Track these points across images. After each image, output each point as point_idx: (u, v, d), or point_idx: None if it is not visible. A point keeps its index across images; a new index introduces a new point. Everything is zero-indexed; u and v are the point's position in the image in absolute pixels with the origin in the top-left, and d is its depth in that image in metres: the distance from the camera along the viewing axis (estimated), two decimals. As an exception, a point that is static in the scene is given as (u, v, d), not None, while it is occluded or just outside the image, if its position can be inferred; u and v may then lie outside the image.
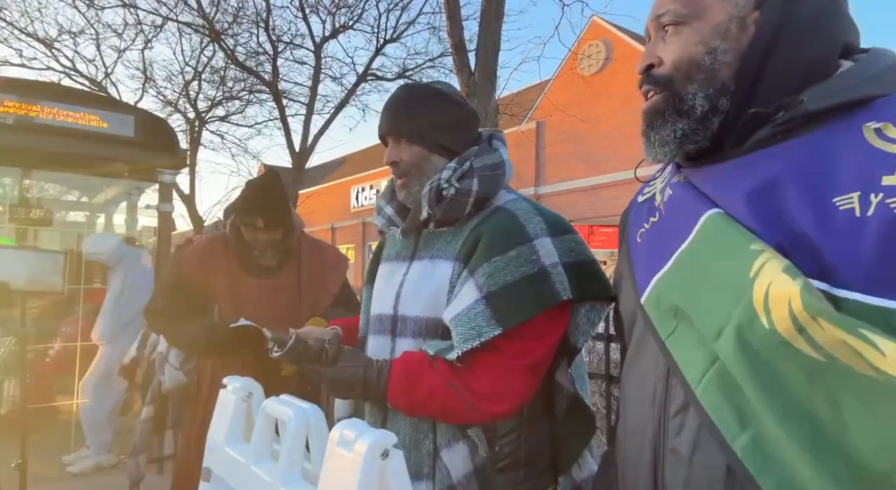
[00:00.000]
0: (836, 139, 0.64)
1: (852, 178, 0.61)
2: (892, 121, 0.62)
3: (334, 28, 10.22)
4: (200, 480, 1.01)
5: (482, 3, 5.18)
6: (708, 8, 0.76)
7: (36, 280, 2.66)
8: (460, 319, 1.05)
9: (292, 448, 0.82)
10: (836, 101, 0.66)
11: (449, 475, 1.07)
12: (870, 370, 0.55)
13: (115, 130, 4.03)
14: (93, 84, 10.54)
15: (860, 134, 0.63)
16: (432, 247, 1.19)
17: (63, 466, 3.72)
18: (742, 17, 0.74)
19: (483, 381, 1.03)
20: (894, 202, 0.57)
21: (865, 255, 0.57)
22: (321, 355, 1.11)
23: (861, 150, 0.62)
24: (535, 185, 16.38)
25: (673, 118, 0.78)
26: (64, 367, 4.32)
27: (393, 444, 0.72)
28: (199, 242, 2.05)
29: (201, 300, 1.94)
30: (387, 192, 1.33)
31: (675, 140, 0.78)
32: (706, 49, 0.75)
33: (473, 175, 1.15)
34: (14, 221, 4.50)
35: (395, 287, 1.21)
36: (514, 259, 1.05)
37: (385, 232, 1.33)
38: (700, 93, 0.76)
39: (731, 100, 0.75)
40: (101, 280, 4.40)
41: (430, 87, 1.25)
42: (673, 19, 0.78)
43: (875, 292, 0.57)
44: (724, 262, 0.67)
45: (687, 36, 0.77)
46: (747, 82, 0.74)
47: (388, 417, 1.16)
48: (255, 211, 1.86)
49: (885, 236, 0.57)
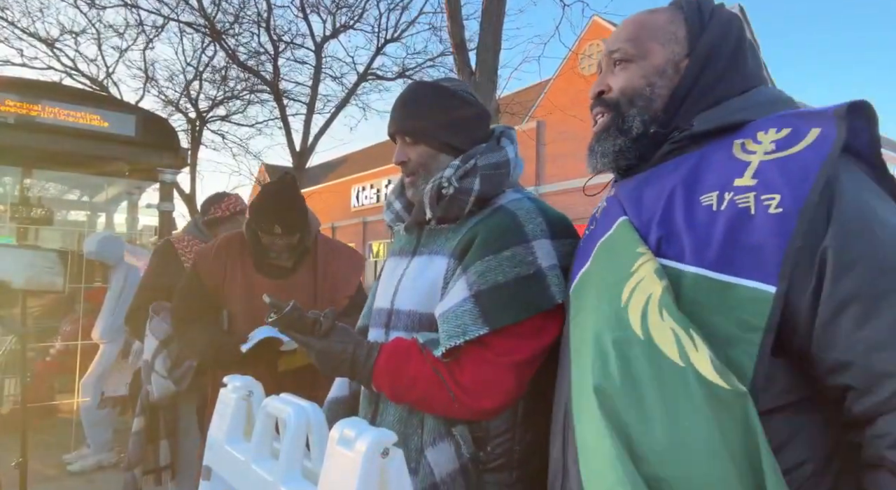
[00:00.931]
0: (714, 153, 0.81)
1: (716, 181, 0.77)
2: (753, 137, 0.78)
3: (335, 28, 10.23)
4: (201, 479, 1.01)
5: (483, 2, 5.18)
6: (651, 51, 0.94)
7: (36, 279, 2.65)
8: (447, 316, 1.05)
9: (292, 446, 0.82)
10: (717, 124, 0.85)
11: (432, 473, 1.06)
12: (676, 356, 0.70)
13: (116, 130, 4.03)
14: (94, 84, 10.56)
15: (730, 149, 0.79)
16: (432, 243, 1.20)
17: (63, 465, 3.73)
18: (676, 62, 0.93)
19: (468, 375, 1.03)
20: (741, 199, 0.72)
21: (716, 241, 0.72)
22: (314, 327, 1.12)
23: (727, 160, 0.78)
24: (535, 185, 16.38)
25: (615, 134, 0.95)
26: (64, 366, 4.32)
27: (393, 442, 0.72)
28: (213, 242, 2.03)
29: (215, 303, 1.92)
30: (397, 188, 1.33)
31: (613, 153, 0.96)
32: (647, 82, 0.94)
33: (476, 173, 1.14)
34: (15, 220, 4.51)
35: (395, 281, 1.22)
36: (508, 259, 1.05)
37: (393, 227, 1.34)
38: (638, 116, 0.94)
39: (659, 126, 0.93)
40: (101, 279, 4.40)
41: (438, 85, 1.24)
42: (622, 57, 0.96)
43: (720, 270, 0.71)
44: (616, 260, 0.85)
45: (632, 71, 0.95)
46: (672, 112, 0.92)
47: (379, 410, 1.16)
48: (272, 216, 1.83)
49: (731, 226, 0.71)
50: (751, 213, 0.70)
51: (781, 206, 0.68)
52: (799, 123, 0.75)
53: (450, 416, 1.07)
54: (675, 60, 0.93)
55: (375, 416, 1.16)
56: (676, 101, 0.92)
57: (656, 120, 0.93)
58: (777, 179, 0.70)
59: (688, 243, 0.75)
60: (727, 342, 0.69)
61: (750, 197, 0.71)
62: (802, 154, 0.70)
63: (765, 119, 0.80)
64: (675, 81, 0.92)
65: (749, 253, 0.69)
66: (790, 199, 0.68)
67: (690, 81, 0.91)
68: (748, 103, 0.86)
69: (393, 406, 1.14)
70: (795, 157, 0.71)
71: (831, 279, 0.67)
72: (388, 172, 21.21)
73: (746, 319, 0.68)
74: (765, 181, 0.71)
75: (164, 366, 2.21)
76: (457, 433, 1.07)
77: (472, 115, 1.24)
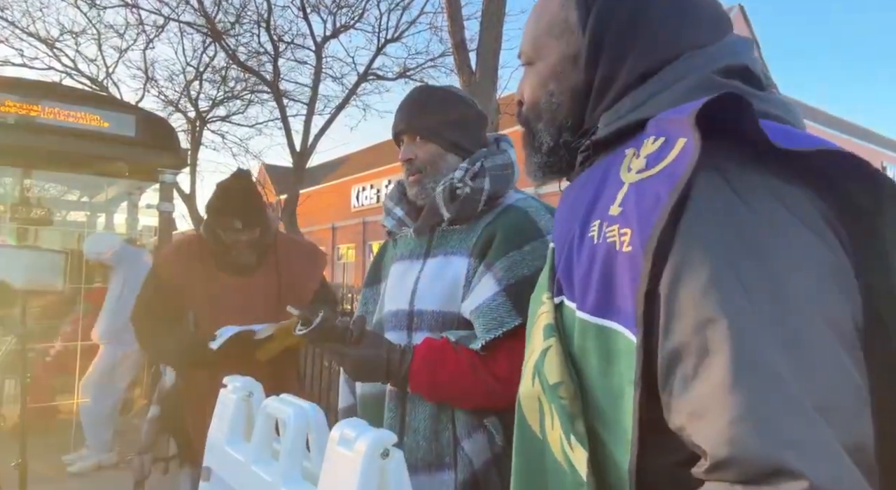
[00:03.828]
0: (612, 165, 0.65)
1: (602, 204, 0.63)
2: (638, 147, 0.61)
3: (335, 28, 10.22)
4: (200, 480, 1.01)
5: (483, 2, 5.18)
6: (546, 49, 0.77)
7: (36, 279, 2.66)
8: (482, 311, 1.09)
9: (292, 447, 0.82)
10: (611, 130, 0.68)
11: (471, 463, 1.11)
12: (537, 428, 0.68)
13: (116, 130, 4.03)
14: (94, 84, 10.57)
15: (621, 162, 0.63)
16: (446, 244, 1.23)
17: (63, 466, 3.72)
18: (573, 56, 0.74)
19: (504, 365, 1.07)
20: (610, 232, 0.59)
21: (594, 279, 0.60)
22: (345, 336, 1.12)
23: (615, 177, 0.63)
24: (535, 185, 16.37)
25: (530, 152, 0.83)
26: (64, 366, 4.32)
27: (393, 443, 0.72)
28: (172, 245, 2.05)
29: (178, 305, 1.92)
30: (394, 194, 1.35)
31: (538, 170, 0.83)
32: (545, 92, 0.78)
33: (485, 174, 1.20)
34: (15, 221, 4.51)
35: (410, 284, 1.23)
36: (530, 253, 1.11)
37: (394, 233, 1.34)
38: (545, 131, 0.79)
39: (572, 133, 0.77)
40: (101, 279, 4.40)
41: (445, 88, 1.31)
42: (525, 60, 0.81)
43: (598, 313, 0.60)
44: (535, 298, 0.78)
45: (532, 77, 0.79)
46: (579, 116, 0.76)
47: (407, 410, 1.17)
48: (231, 212, 1.85)
49: (604, 262, 0.59)
50: (615, 248, 0.58)
51: (632, 244, 0.56)
52: (671, 130, 0.58)
53: (488, 406, 1.11)
54: (571, 54, 0.74)
55: (405, 416, 1.17)
56: (578, 103, 0.75)
57: (564, 128, 0.77)
58: (632, 209, 0.57)
59: (577, 282, 0.64)
60: (619, 396, 0.57)
61: (615, 230, 0.59)
62: (659, 175, 0.56)
63: (658, 119, 0.61)
64: (573, 79, 0.75)
65: (618, 294, 0.58)
66: (638, 235, 0.56)
67: (589, 75, 0.73)
68: (647, 93, 0.67)
69: (422, 404, 1.15)
70: (653, 180, 0.56)
71: (662, 331, 0.54)
72: (388, 172, 21.20)
73: (622, 371, 0.57)
74: (625, 211, 0.58)
75: None
76: (489, 424, 1.12)
77: (475, 117, 1.30)
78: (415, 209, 1.29)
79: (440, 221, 1.22)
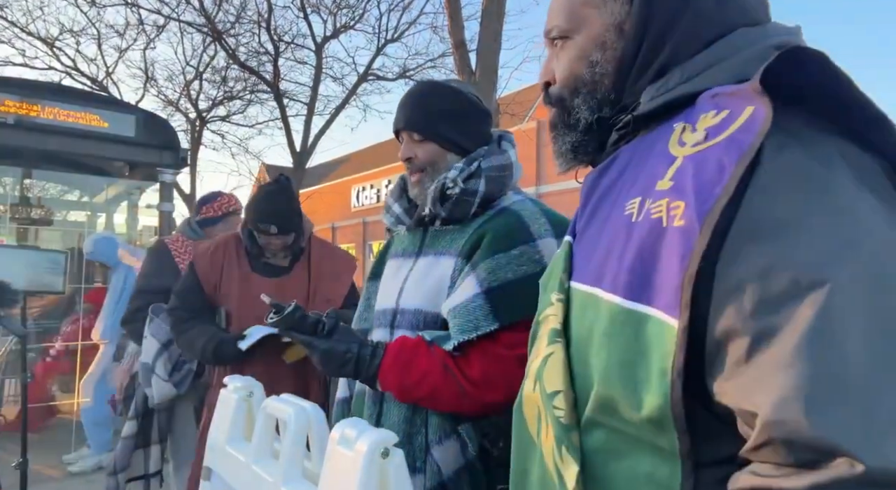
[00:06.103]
0: (657, 142, 0.62)
1: (644, 182, 0.60)
2: (694, 122, 0.58)
3: (335, 28, 10.21)
4: (201, 479, 1.01)
5: (483, 2, 5.18)
6: (586, 20, 0.74)
7: (36, 280, 2.66)
8: (458, 311, 1.07)
9: (293, 447, 0.82)
10: (657, 103, 0.65)
11: (440, 472, 1.08)
12: (534, 434, 0.68)
13: (116, 130, 4.03)
14: (94, 83, 10.54)
15: (669, 137, 0.61)
16: (437, 244, 1.21)
17: (63, 465, 3.73)
18: (619, 25, 0.71)
19: (476, 368, 1.05)
20: (655, 207, 0.56)
21: (629, 260, 0.57)
22: (317, 327, 1.12)
23: (663, 153, 0.60)
24: (535, 185, 16.36)
25: (563, 131, 0.79)
26: (64, 366, 4.32)
27: (394, 442, 0.72)
28: (212, 242, 2.07)
29: (212, 300, 1.98)
30: (396, 190, 1.34)
31: (569, 152, 0.79)
32: (587, 63, 0.74)
33: (481, 175, 1.16)
34: (15, 221, 4.51)
35: (399, 282, 1.23)
36: (517, 257, 1.08)
37: (393, 230, 1.34)
38: (583, 106, 0.75)
39: (610, 108, 0.74)
40: (101, 279, 4.41)
41: (447, 85, 1.26)
42: (559, 34, 0.77)
43: (631, 297, 0.56)
44: (543, 296, 0.76)
45: (570, 51, 0.76)
46: (621, 89, 0.72)
47: (383, 411, 1.17)
48: (267, 217, 1.91)
49: (643, 242, 0.56)
50: (662, 225, 0.55)
51: (684, 218, 0.52)
52: (733, 102, 0.55)
53: (458, 411, 1.09)
54: (616, 23, 0.71)
55: (380, 417, 1.17)
56: (624, 74, 0.72)
57: (606, 102, 0.74)
58: (689, 181, 0.54)
59: (609, 263, 0.60)
60: (647, 389, 0.54)
61: (663, 204, 0.55)
62: (722, 143, 0.53)
63: (716, 94, 0.59)
64: (620, 49, 0.71)
65: (658, 274, 0.54)
66: (694, 208, 0.52)
67: (635, 45, 0.70)
68: (699, 66, 0.63)
69: (397, 406, 1.14)
70: (716, 148, 0.53)
71: (716, 308, 0.51)
72: (388, 172, 21.19)
73: (652, 360, 0.53)
74: (678, 184, 0.55)
75: (164, 368, 2.21)
76: (462, 432, 1.09)
77: (478, 115, 1.26)
78: (413, 207, 1.28)
79: (433, 220, 1.20)
